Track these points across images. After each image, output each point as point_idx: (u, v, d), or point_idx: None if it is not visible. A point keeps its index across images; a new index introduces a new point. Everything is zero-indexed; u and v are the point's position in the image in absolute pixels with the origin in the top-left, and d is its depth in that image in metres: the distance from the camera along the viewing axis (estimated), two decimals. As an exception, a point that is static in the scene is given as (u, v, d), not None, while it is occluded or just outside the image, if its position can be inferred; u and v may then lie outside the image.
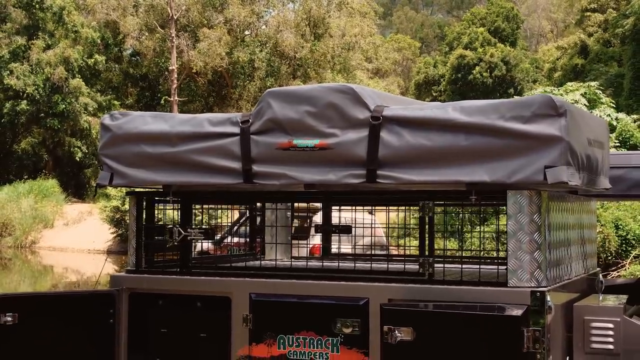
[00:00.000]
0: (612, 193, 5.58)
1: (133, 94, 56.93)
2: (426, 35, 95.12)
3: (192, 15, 50.80)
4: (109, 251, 41.78)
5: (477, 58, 59.26)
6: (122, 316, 5.22)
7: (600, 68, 52.10)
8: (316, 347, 4.68)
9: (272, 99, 4.81)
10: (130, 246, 5.32)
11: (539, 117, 4.21)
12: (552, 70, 59.74)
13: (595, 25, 57.88)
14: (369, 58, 62.27)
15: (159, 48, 51.45)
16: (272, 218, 6.41)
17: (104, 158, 5.21)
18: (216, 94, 52.96)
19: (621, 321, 4.69)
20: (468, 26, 63.88)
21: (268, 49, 51.85)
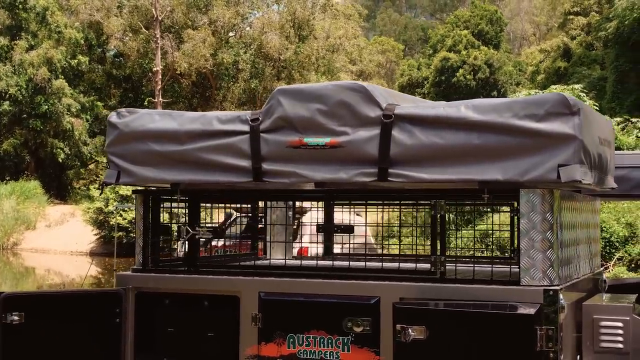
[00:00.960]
0: (615, 193, 5.59)
1: (116, 95, 56.72)
2: (409, 38, 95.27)
3: (176, 16, 50.71)
4: (91, 253, 41.59)
5: (461, 61, 59.38)
6: (129, 315, 5.18)
7: (583, 71, 52.32)
8: (327, 346, 4.66)
9: (283, 96, 4.78)
10: (137, 245, 5.28)
11: (553, 115, 4.21)
12: (535, 73, 59.95)
13: (578, 28, 58.16)
14: (353, 60, 62.31)
15: (143, 49, 51.31)
16: (274, 217, 6.39)
17: (111, 156, 5.17)
18: (200, 96, 52.87)
19: (630, 320, 4.70)
20: (452, 29, 64.01)
21: (252, 51, 51.81)
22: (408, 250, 6.49)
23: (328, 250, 6.50)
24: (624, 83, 43.84)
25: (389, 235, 6.52)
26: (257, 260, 6.10)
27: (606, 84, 46.18)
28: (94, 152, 52.70)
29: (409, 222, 8.51)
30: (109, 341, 5.13)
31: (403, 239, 6.29)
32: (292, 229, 6.63)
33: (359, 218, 7.04)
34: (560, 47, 57.11)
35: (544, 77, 56.29)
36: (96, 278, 30.38)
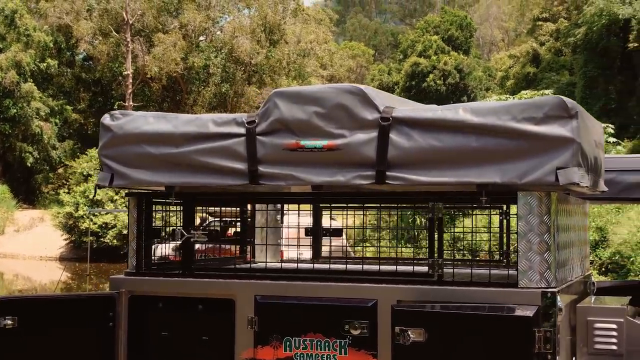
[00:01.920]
0: (603, 196, 5.64)
1: (85, 98, 56.42)
2: (379, 43, 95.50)
3: (147, 19, 50.54)
4: (61, 258, 41.32)
5: (431, 66, 59.64)
6: (122, 319, 5.14)
7: (552, 77, 52.80)
8: (324, 349, 4.64)
9: (279, 99, 4.76)
10: (130, 248, 5.23)
11: (551, 118, 4.23)
12: (505, 78, 60.36)
13: (547, 34, 58.68)
14: (323, 65, 62.39)
15: (113, 53, 51.06)
16: (262, 221, 6.38)
17: (104, 159, 5.12)
18: (171, 100, 52.71)
19: (624, 322, 4.73)
20: (422, 34, 64.27)
21: (223, 55, 51.75)
22: (384, 253, 6.49)
23: (317, 254, 6.49)
24: (592, 89, 44.33)
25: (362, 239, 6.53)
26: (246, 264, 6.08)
27: (575, 89, 46.61)
28: (63, 156, 52.34)
29: (389, 225, 8.51)
30: (103, 345, 5.08)
31: (381, 242, 6.30)
32: (280, 232, 6.61)
33: (335, 222, 7.05)
34: (530, 53, 57.58)
35: (513, 83, 56.71)
36: (66, 284, 30.12)
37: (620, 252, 22.36)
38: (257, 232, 6.40)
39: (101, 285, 29.65)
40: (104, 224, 38.39)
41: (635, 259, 21.87)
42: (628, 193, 6.08)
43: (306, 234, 6.47)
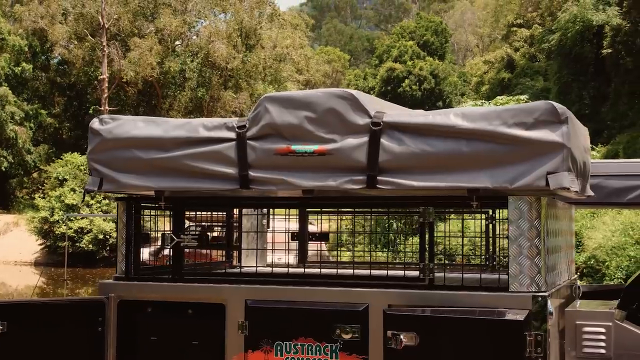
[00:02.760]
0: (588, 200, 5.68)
1: (60, 103, 56.04)
2: (355, 48, 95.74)
3: (122, 24, 50.32)
4: (36, 263, 41.03)
5: (407, 71, 59.89)
6: (111, 324, 5.11)
7: (527, 82, 53.14)
8: (315, 353, 4.64)
9: (270, 104, 4.76)
10: (119, 253, 5.21)
11: (542, 123, 4.25)
12: (480, 83, 60.72)
13: (521, 40, 59.04)
14: (299, 70, 62.42)
15: (89, 57, 50.76)
16: (248, 225, 6.37)
17: (93, 163, 5.09)
18: (146, 104, 52.51)
19: (613, 326, 4.77)
20: (397, 39, 64.52)
21: (199, 59, 51.65)
22: (359, 258, 6.51)
23: (302, 258, 6.49)
24: (566, 94, 44.56)
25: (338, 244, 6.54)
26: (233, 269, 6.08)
27: (549, 95, 46.89)
28: (37, 161, 51.99)
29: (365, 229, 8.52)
30: (92, 350, 5.05)
31: (357, 247, 6.34)
32: (264, 237, 6.60)
33: (311, 227, 7.04)
34: (504, 59, 57.95)
35: (488, 88, 57.05)
36: (41, 289, 29.91)
37: (595, 257, 22.52)
38: (243, 236, 6.40)
39: (77, 290, 29.49)
40: (79, 229, 38.18)
41: (610, 264, 22.04)
42: (613, 198, 6.14)
43: (292, 239, 6.47)
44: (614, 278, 21.53)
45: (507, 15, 63.99)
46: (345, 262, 5.96)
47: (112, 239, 38.09)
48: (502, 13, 66.78)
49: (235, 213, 6.37)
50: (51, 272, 35.44)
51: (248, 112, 30.29)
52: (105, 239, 38.22)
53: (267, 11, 55.80)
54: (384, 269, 5.23)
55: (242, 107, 51.47)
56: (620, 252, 22.48)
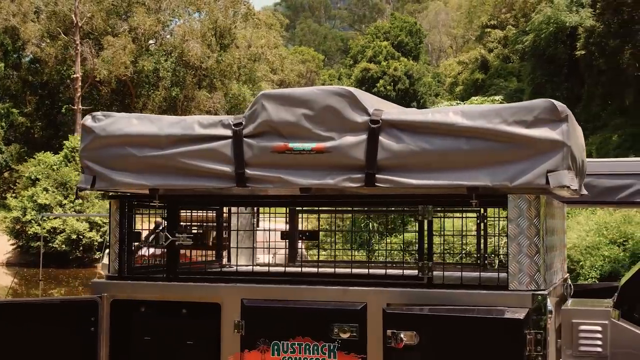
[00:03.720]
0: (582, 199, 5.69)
1: (32, 102, 55.54)
2: (329, 48, 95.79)
3: (95, 22, 49.98)
4: (7, 263, 40.63)
5: (381, 71, 60.00)
6: (104, 324, 5.04)
7: (501, 83, 53.43)
8: (312, 352, 4.60)
9: (267, 101, 4.71)
10: (112, 252, 5.14)
11: (542, 121, 4.24)
12: (454, 84, 60.96)
13: (495, 41, 59.35)
14: (274, 69, 62.35)
15: (61, 55, 50.38)
16: (238, 224, 6.33)
17: (86, 161, 5.02)
18: (120, 103, 52.16)
19: (609, 324, 4.77)
20: (372, 40, 64.63)
21: (173, 59, 51.45)
22: (338, 257, 6.50)
23: (293, 257, 6.46)
24: (540, 95, 44.68)
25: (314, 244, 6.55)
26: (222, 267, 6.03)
27: (523, 95, 47.16)
28: (9, 160, 51.50)
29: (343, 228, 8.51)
30: (85, 350, 4.98)
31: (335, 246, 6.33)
32: (255, 235, 6.55)
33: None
34: (478, 60, 58.23)
35: (462, 89, 57.29)
36: (14, 290, 29.61)
37: (569, 256, 22.66)
38: (232, 235, 6.35)
39: (50, 291, 29.23)
40: (52, 229, 37.83)
41: (584, 263, 22.20)
42: (604, 197, 6.16)
43: (282, 238, 6.43)
44: (589, 277, 21.67)
45: (480, 17, 64.32)
46: (342, 262, 5.93)
47: (85, 239, 37.82)
48: (476, 14, 67.12)
49: (224, 212, 6.33)
50: (24, 273, 35.11)
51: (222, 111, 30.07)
52: (79, 239, 37.92)
53: (241, 10, 55.72)
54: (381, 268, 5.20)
55: (216, 106, 51.36)
56: (594, 252, 22.65)
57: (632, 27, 39.48)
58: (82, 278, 33.71)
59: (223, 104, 52.13)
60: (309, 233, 6.25)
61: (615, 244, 23.14)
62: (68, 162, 41.74)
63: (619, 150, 35.52)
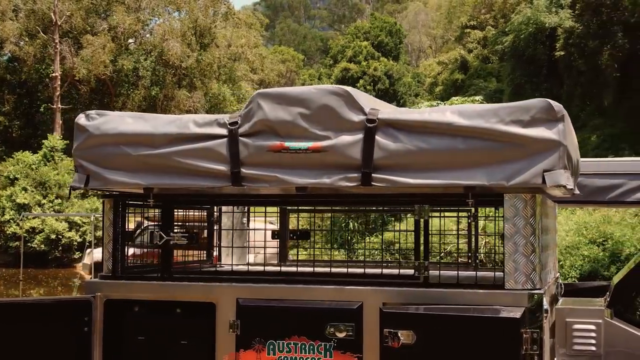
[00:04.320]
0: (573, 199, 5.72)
1: (10, 100, 55.07)
2: (309, 48, 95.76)
3: (75, 21, 49.69)
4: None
5: (361, 71, 60.07)
6: (98, 324, 5.01)
7: (480, 83, 53.66)
8: (308, 352, 4.59)
9: (263, 100, 4.70)
10: (106, 251, 5.11)
11: (538, 121, 4.25)
12: (434, 84, 61.16)
13: (474, 41, 59.58)
14: (254, 69, 62.25)
15: (40, 54, 50.06)
16: (228, 223, 6.32)
17: (80, 160, 4.99)
18: (99, 102, 51.85)
19: (603, 323, 4.80)
20: (352, 40, 64.69)
21: (153, 58, 51.25)
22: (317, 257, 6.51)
23: (283, 257, 6.46)
24: (519, 95, 44.98)
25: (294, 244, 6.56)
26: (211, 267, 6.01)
27: (503, 96, 47.38)
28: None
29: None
30: (78, 350, 4.95)
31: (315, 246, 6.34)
32: (244, 235, 6.54)
33: (271, 226, 7.02)
34: (458, 60, 58.43)
35: (441, 89, 57.48)
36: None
37: (549, 256, 22.76)
38: (222, 235, 6.34)
39: (29, 291, 29.04)
40: (31, 229, 37.58)
41: (564, 263, 22.33)
42: (595, 196, 6.19)
43: (273, 237, 6.42)
44: (568, 277, 21.80)
45: (460, 17, 64.55)
46: (338, 261, 5.93)
47: (64, 239, 37.60)
48: (455, 14, 67.33)
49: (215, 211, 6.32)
50: (2, 273, 34.87)
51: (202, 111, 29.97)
52: (58, 239, 37.70)
53: (221, 10, 55.59)
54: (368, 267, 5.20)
55: (196, 106, 51.22)
56: (574, 252, 22.81)
57: (611, 28, 39.74)
58: (62, 278, 33.54)
59: (203, 104, 51.98)
60: (300, 232, 6.26)
61: (594, 244, 23.32)
62: (47, 161, 41.50)
63: (597, 151, 35.77)
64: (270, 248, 6.24)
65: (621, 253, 22.34)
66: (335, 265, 5.53)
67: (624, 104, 40.45)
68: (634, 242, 22.44)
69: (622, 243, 22.60)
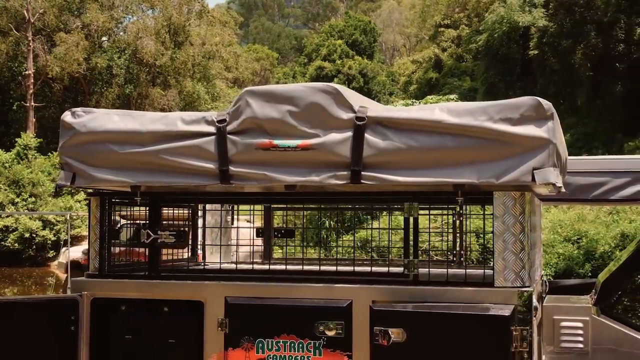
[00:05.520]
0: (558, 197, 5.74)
1: (-19, 98, 54.68)
2: (283, 46, 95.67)
3: (48, 18, 49.33)
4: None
5: (336, 70, 60.10)
6: (84, 323, 4.97)
7: (454, 82, 53.88)
8: (297, 350, 4.58)
9: (251, 97, 4.67)
10: (92, 250, 5.06)
11: (528, 119, 4.26)
12: (408, 83, 61.30)
13: (448, 40, 59.79)
14: (228, 67, 62.09)
15: (13, 52, 49.64)
16: (212, 221, 6.30)
17: (66, 157, 4.94)
18: (72, 100, 51.52)
19: (590, 320, 4.82)
20: (326, 38, 64.71)
21: (127, 56, 51.00)
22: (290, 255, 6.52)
23: (267, 255, 6.45)
24: (493, 94, 45.29)
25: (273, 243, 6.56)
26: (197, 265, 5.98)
27: (477, 94, 47.60)
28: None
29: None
30: (64, 350, 4.91)
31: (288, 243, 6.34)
32: (228, 233, 6.52)
33: (248, 225, 7.01)
34: (432, 59, 58.61)
35: (416, 88, 57.63)
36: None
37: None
38: (207, 233, 6.32)
39: (3, 290, 28.80)
40: (4, 227, 37.24)
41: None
42: (578, 194, 6.23)
43: (257, 235, 6.40)
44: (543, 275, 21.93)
45: (434, 16, 64.76)
46: (328, 259, 5.91)
47: (38, 238, 37.28)
48: (429, 13, 67.54)
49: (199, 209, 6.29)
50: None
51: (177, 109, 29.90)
52: (32, 238, 37.37)
53: (195, 8, 55.41)
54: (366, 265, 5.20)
55: (170, 104, 51.02)
56: (549, 250, 22.94)
57: (584, 27, 40.06)
58: (36, 277, 33.26)
59: (177, 102, 51.79)
60: (284, 231, 6.25)
61: (569, 242, 23.48)
62: (20, 159, 41.14)
63: (571, 150, 35.57)
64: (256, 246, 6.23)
65: (595, 251, 22.52)
66: (323, 263, 5.52)
67: (597, 103, 40.78)
68: (608, 240, 22.62)
69: (597, 241, 22.78)
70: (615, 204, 6.22)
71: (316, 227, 22.77)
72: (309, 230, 8.44)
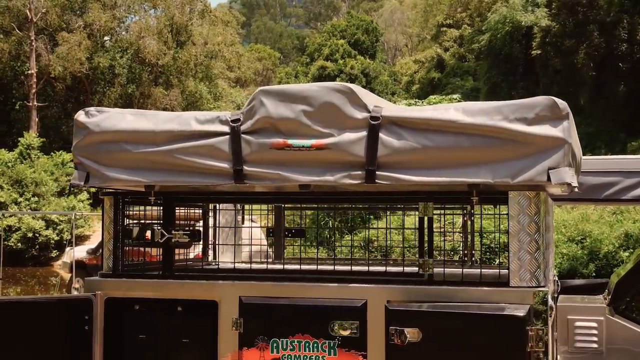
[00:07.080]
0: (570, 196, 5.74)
1: (-16, 98, 54.68)
2: (285, 46, 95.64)
3: (50, 18, 49.35)
4: None
5: (338, 69, 60.09)
6: (98, 322, 4.97)
7: (457, 82, 53.83)
8: (312, 350, 4.58)
9: (265, 97, 4.67)
10: (106, 249, 5.06)
11: (543, 119, 4.26)
12: (410, 83, 61.26)
13: (451, 40, 59.76)
14: (230, 67, 62.08)
15: (15, 51, 49.66)
16: (223, 221, 6.30)
17: (80, 157, 4.94)
18: (75, 100, 51.55)
19: (604, 320, 4.82)
20: (329, 38, 64.71)
21: (129, 55, 50.99)
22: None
23: (279, 255, 6.45)
24: (496, 94, 45.27)
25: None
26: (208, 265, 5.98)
27: (479, 94, 47.57)
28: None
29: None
30: (78, 349, 4.91)
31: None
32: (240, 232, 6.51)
33: (254, 224, 7.01)
34: (434, 58, 58.58)
35: (418, 87, 57.60)
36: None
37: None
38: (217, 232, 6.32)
39: (5, 290, 28.79)
40: (7, 227, 37.25)
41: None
42: (590, 194, 6.22)
43: (268, 235, 6.40)
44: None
45: (436, 16, 64.71)
46: (341, 259, 5.91)
47: (41, 238, 37.30)
48: (432, 13, 67.50)
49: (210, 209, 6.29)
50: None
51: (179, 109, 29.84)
52: (35, 237, 37.38)
53: (198, 7, 55.39)
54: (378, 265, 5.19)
55: (173, 104, 51.01)
56: (553, 249, 22.91)
57: (587, 27, 40.01)
58: (39, 277, 33.27)
59: (180, 101, 51.79)
60: (294, 230, 6.25)
61: (573, 242, 23.43)
62: (23, 159, 41.16)
63: (574, 149, 35.90)
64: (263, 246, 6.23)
65: (599, 251, 22.48)
66: (338, 263, 5.51)
67: (600, 102, 40.75)
68: (612, 240, 22.57)
69: (600, 241, 22.73)
70: (627, 204, 6.22)
71: (321, 227, 22.81)
72: (314, 230, 8.41)
